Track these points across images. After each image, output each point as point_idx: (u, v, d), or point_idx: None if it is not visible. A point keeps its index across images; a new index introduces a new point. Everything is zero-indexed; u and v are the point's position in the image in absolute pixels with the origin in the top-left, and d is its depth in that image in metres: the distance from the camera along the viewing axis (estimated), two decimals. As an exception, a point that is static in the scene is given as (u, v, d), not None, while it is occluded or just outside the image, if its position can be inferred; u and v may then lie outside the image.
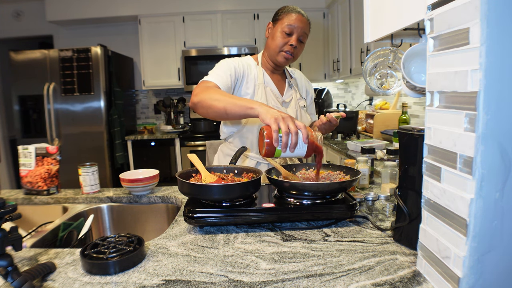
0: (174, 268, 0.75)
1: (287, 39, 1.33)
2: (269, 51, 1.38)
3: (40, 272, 0.70)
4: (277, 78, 1.45)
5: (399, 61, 0.97)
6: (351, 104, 4.16)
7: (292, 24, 1.32)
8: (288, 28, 1.32)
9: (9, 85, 3.66)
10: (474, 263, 0.55)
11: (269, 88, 1.38)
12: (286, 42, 1.33)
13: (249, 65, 1.39)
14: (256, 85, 1.36)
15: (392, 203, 1.14)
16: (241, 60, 1.39)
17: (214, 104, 1.08)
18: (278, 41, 1.33)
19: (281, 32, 1.33)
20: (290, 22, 1.32)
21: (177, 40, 3.92)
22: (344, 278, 0.69)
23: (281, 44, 1.33)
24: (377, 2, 0.94)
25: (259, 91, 1.36)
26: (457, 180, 0.57)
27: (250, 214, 0.95)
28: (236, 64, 1.34)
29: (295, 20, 1.32)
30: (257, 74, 1.38)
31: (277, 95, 1.40)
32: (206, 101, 1.11)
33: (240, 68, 1.35)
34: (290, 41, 1.33)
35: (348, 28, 3.25)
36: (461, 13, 0.55)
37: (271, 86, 1.40)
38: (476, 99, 0.52)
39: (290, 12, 1.33)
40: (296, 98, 1.45)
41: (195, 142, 3.75)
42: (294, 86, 1.47)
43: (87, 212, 1.30)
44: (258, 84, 1.36)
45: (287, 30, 1.32)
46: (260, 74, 1.38)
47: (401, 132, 0.81)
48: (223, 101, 1.06)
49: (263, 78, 1.39)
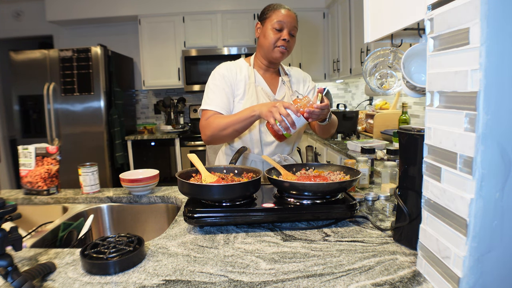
0: (174, 268, 0.75)
1: (279, 35, 1.36)
2: (263, 50, 1.41)
3: (40, 272, 0.70)
4: (270, 77, 1.48)
5: (399, 61, 0.97)
6: (351, 104, 4.16)
7: (281, 20, 1.34)
8: (278, 24, 1.35)
9: (9, 85, 3.66)
10: (474, 263, 0.55)
11: (260, 87, 1.41)
12: (278, 37, 1.36)
13: (239, 67, 1.43)
14: (246, 85, 1.40)
15: (392, 203, 1.14)
16: (231, 64, 1.44)
17: (224, 133, 1.26)
18: (270, 38, 1.36)
19: (272, 29, 1.36)
20: (279, 18, 1.35)
21: (177, 40, 3.92)
22: (344, 278, 0.69)
23: (274, 40, 1.36)
24: (377, 2, 0.94)
25: (249, 90, 1.39)
26: (457, 180, 0.57)
27: (250, 214, 0.95)
28: (225, 71, 1.40)
29: (283, 16, 1.35)
30: (248, 74, 1.42)
31: (269, 93, 1.43)
32: (216, 136, 1.28)
33: (230, 72, 1.40)
34: (282, 36, 1.36)
35: (348, 28, 3.25)
36: (461, 13, 0.55)
37: (263, 85, 1.43)
38: (476, 99, 0.52)
39: (277, 9, 1.37)
40: (289, 94, 1.48)
41: (195, 142, 3.75)
42: (287, 83, 1.49)
43: (87, 212, 1.30)
44: (249, 83, 1.40)
45: (277, 26, 1.35)
46: (251, 74, 1.42)
47: (401, 132, 0.80)
48: (229, 126, 1.24)
49: (254, 77, 1.42)
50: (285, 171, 1.13)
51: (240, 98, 1.39)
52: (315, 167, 1.18)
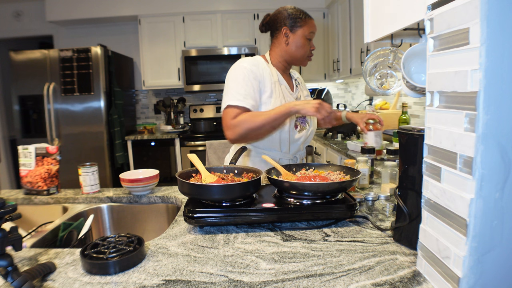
0: (174, 268, 0.75)
1: (309, 45, 1.40)
2: (290, 56, 1.40)
3: (40, 272, 0.70)
4: (287, 78, 1.48)
5: (399, 61, 0.97)
6: (351, 104, 4.16)
7: (314, 31, 1.39)
8: (311, 35, 1.39)
9: (9, 85, 3.66)
10: (474, 263, 0.55)
11: (284, 85, 1.42)
12: (310, 48, 1.41)
13: (263, 64, 1.39)
14: (272, 83, 1.36)
15: (392, 203, 1.14)
16: (255, 60, 1.37)
17: (260, 131, 1.25)
18: (305, 49, 1.40)
19: (305, 39, 1.38)
20: (312, 29, 1.39)
21: (177, 40, 3.92)
22: (344, 278, 0.69)
23: (307, 50, 1.40)
24: (377, 2, 0.94)
25: (276, 89, 1.36)
26: (457, 180, 0.57)
27: (250, 214, 0.95)
28: (253, 67, 1.33)
29: (315, 27, 1.40)
30: (270, 73, 1.39)
31: (290, 92, 1.44)
32: (250, 134, 1.25)
33: (257, 68, 1.34)
34: (311, 46, 1.41)
35: (348, 28, 3.25)
36: (461, 13, 0.55)
37: (285, 84, 1.43)
38: (476, 99, 0.52)
39: (310, 19, 1.40)
40: (303, 95, 1.53)
41: (195, 142, 3.75)
42: (299, 85, 1.54)
43: (87, 212, 1.30)
44: (274, 82, 1.37)
45: (310, 36, 1.39)
46: (274, 73, 1.40)
47: (401, 132, 0.81)
48: (267, 124, 1.21)
49: (277, 76, 1.41)
50: (285, 171, 1.13)
51: (268, 95, 1.33)
52: (315, 167, 1.18)
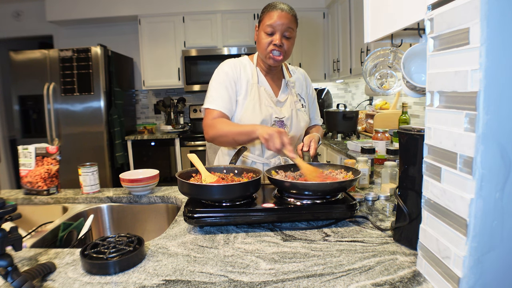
0: (174, 268, 0.75)
1: (269, 39, 1.29)
2: (260, 55, 1.38)
3: (40, 272, 0.70)
4: (273, 77, 1.44)
5: (399, 61, 0.97)
6: (351, 104, 4.16)
7: (272, 23, 1.27)
8: (269, 28, 1.27)
9: (9, 85, 3.66)
10: (474, 263, 0.55)
11: (263, 87, 1.38)
12: (269, 42, 1.29)
13: (243, 65, 1.39)
14: (249, 85, 1.36)
15: (392, 203, 1.14)
16: (235, 61, 1.39)
17: (224, 139, 1.28)
18: (262, 44, 1.30)
19: (264, 33, 1.30)
20: (269, 22, 1.27)
21: (177, 40, 3.92)
22: (344, 278, 0.69)
23: (265, 46, 1.30)
24: (377, 2, 0.94)
25: (252, 90, 1.35)
26: (457, 180, 0.57)
27: (250, 214, 0.95)
28: (229, 69, 1.36)
29: (275, 18, 1.26)
30: (251, 74, 1.38)
31: (271, 94, 1.39)
32: (218, 139, 1.30)
33: (233, 70, 1.36)
34: (273, 41, 1.28)
35: (348, 28, 3.25)
36: (461, 13, 0.54)
37: (265, 86, 1.39)
38: (476, 99, 0.52)
39: (270, 11, 1.29)
40: (292, 99, 1.43)
41: (195, 142, 3.75)
42: (291, 87, 1.45)
43: (87, 212, 1.30)
44: (252, 83, 1.36)
45: (268, 30, 1.28)
46: (254, 74, 1.38)
47: (401, 132, 0.81)
48: (230, 135, 1.24)
49: (257, 77, 1.39)
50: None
51: (242, 97, 1.35)
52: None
